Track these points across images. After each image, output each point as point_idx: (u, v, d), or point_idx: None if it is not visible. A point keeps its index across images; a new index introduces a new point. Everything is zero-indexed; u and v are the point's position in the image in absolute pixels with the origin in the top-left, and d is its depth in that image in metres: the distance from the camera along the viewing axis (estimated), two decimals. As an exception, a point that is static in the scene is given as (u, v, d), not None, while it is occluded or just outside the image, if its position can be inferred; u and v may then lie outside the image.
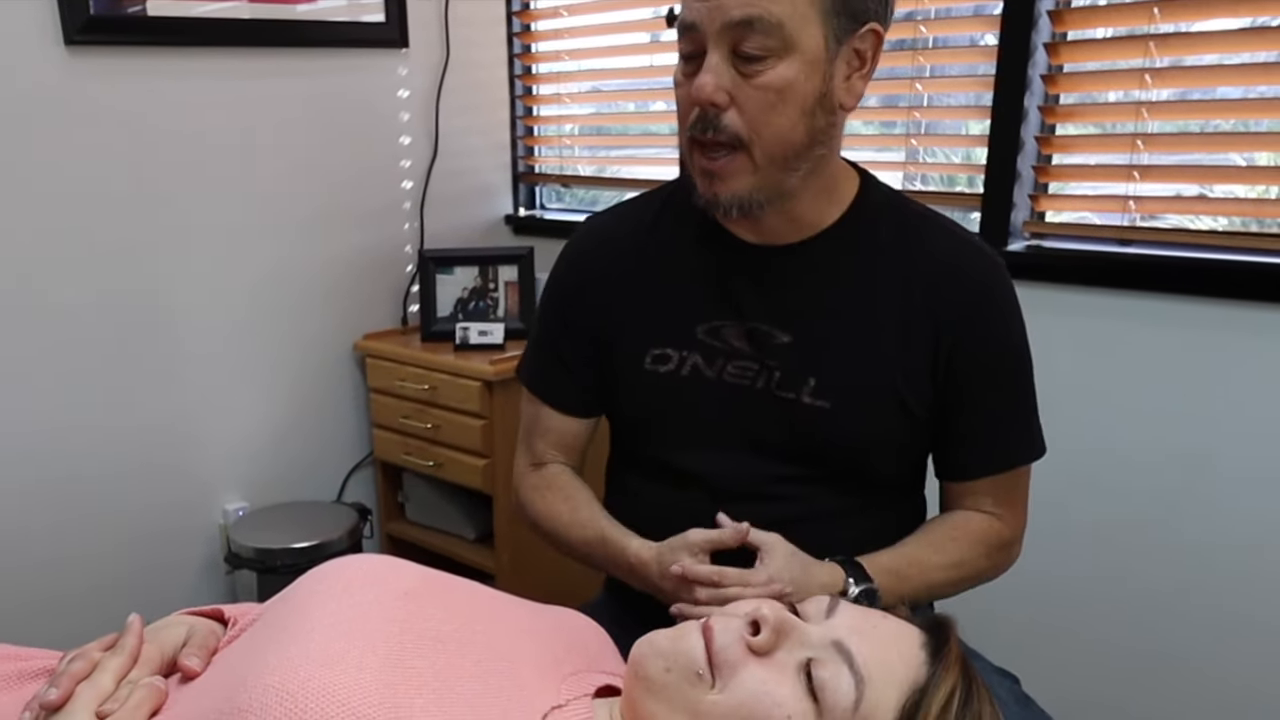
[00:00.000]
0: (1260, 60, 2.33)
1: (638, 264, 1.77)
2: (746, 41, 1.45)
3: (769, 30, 1.43)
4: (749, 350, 1.67)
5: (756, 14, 1.42)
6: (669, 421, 1.76)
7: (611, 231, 1.84)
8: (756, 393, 1.67)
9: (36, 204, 2.77)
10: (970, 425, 1.68)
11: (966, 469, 1.72)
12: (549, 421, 1.88)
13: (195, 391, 3.19)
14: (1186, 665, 2.57)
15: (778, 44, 1.45)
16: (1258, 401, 2.36)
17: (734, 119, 1.50)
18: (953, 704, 1.07)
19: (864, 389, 1.65)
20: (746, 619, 1.12)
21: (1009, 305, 1.69)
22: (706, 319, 1.69)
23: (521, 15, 3.77)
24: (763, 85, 1.47)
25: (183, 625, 1.27)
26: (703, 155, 1.55)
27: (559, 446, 1.89)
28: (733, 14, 1.43)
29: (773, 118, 1.50)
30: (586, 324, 1.80)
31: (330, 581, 1.20)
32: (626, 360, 1.76)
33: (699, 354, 1.70)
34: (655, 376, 1.73)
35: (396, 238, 3.60)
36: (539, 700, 1.14)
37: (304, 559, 3.04)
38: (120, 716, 1.08)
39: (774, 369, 1.66)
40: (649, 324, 1.74)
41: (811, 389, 1.64)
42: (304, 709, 0.96)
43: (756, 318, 1.67)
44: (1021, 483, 1.74)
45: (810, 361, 1.65)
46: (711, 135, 1.52)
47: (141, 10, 2.85)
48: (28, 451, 2.88)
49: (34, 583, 2.95)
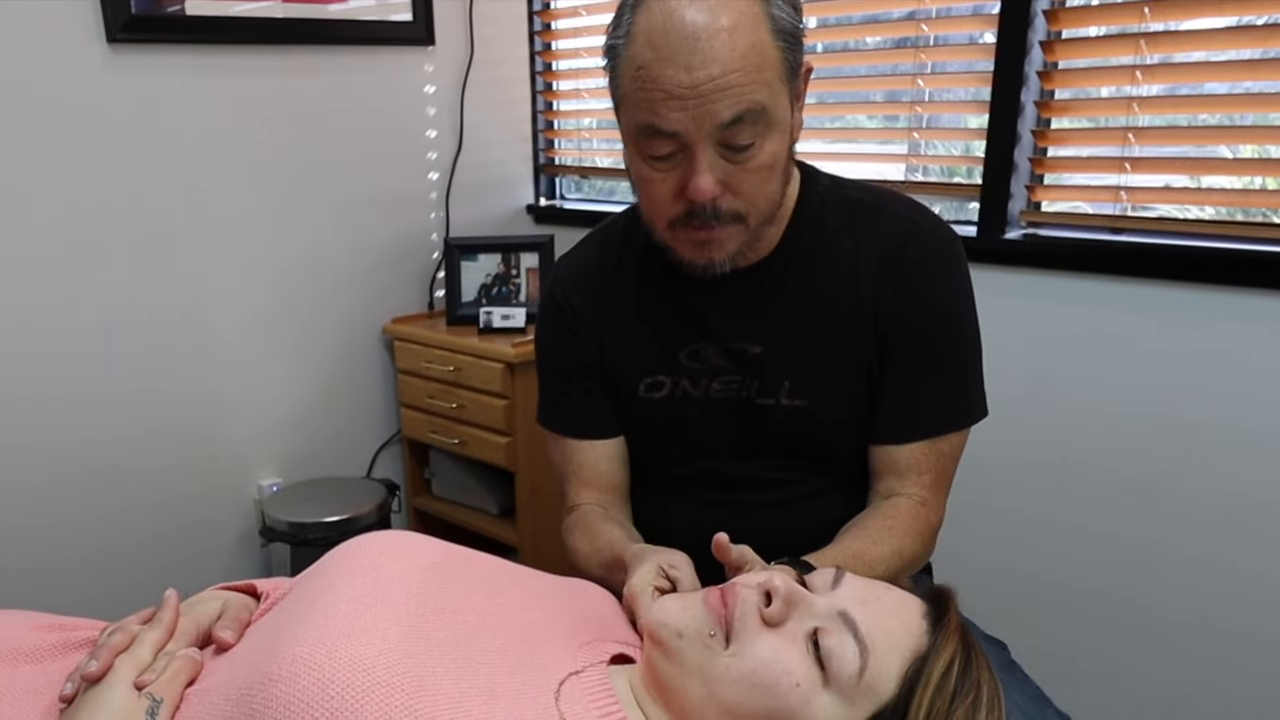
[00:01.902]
0: (1245, 58, 2.33)
1: (616, 301, 1.77)
2: (737, 135, 1.42)
3: (756, 119, 1.42)
4: (729, 365, 1.69)
5: (745, 108, 1.40)
6: (667, 440, 1.78)
7: (580, 271, 1.82)
8: (741, 403, 1.70)
9: (80, 194, 2.79)
10: (897, 388, 1.66)
11: (890, 431, 1.67)
12: (579, 458, 1.84)
13: (232, 374, 3.21)
14: (1176, 634, 2.58)
15: (763, 127, 1.43)
16: (1241, 381, 2.37)
17: (730, 202, 1.49)
18: (953, 670, 1.07)
19: (833, 383, 1.66)
20: (759, 589, 1.14)
21: (946, 278, 1.66)
22: (687, 344, 1.71)
23: (542, 15, 3.77)
24: (755, 168, 1.46)
25: (217, 599, 1.28)
26: (694, 230, 1.52)
27: (590, 484, 1.83)
28: (723, 115, 1.40)
29: (764, 189, 1.51)
30: (584, 356, 1.80)
31: (356, 557, 1.21)
32: (623, 391, 1.78)
33: (686, 377, 1.71)
34: (651, 403, 1.75)
35: (423, 226, 3.61)
36: (556, 668, 1.15)
37: (335, 532, 3.06)
38: (158, 687, 1.09)
39: (752, 379, 1.68)
40: (637, 356, 1.75)
41: (788, 391, 1.67)
42: (331, 678, 0.97)
43: (729, 337, 1.68)
44: (947, 461, 1.69)
45: (782, 368, 1.66)
46: (709, 222, 1.50)
47: (180, 10, 2.86)
48: (74, 434, 2.91)
49: (78, 557, 2.98)
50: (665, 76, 1.39)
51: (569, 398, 1.83)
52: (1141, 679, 2.65)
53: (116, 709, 1.06)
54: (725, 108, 1.39)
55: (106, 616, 1.26)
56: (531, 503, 3.30)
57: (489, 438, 3.28)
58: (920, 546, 1.63)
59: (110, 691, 1.08)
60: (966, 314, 1.68)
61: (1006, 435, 2.69)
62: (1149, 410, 2.51)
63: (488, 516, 3.51)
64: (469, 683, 1.03)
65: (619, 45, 1.46)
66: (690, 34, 1.37)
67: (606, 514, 1.78)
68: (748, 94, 1.39)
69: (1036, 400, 2.65)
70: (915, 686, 1.06)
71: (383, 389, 3.62)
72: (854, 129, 3.04)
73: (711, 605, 1.13)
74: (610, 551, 1.63)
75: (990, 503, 2.79)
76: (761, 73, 1.40)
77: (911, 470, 1.65)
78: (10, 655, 1.24)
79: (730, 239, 1.53)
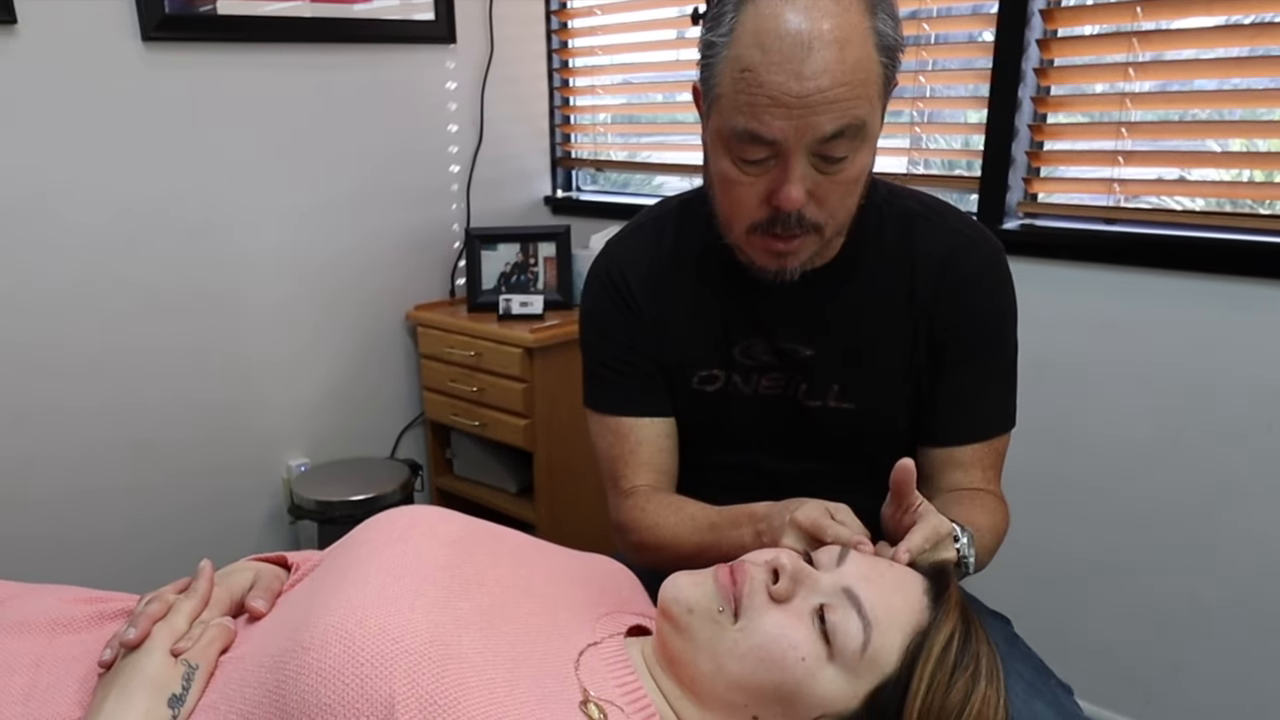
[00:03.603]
0: (1234, 55, 2.32)
1: (674, 293, 1.70)
2: (835, 148, 1.35)
3: (855, 134, 1.35)
4: (778, 364, 1.65)
5: (847, 122, 1.33)
6: (715, 433, 1.73)
7: (638, 256, 1.74)
8: (788, 401, 1.66)
9: (116, 188, 2.81)
10: (955, 394, 1.63)
11: (951, 434, 1.64)
12: (637, 435, 1.72)
13: (262, 358, 3.23)
14: (1172, 608, 2.58)
15: (859, 142, 1.37)
16: (1229, 364, 2.37)
17: (813, 211, 1.42)
18: (953, 644, 1.07)
19: (881, 389, 1.64)
20: (767, 567, 1.14)
21: (997, 290, 1.64)
22: (740, 340, 1.66)
23: (559, 14, 3.77)
24: (844, 180, 1.40)
25: (250, 570, 1.28)
26: (773, 239, 1.46)
27: (648, 465, 1.72)
28: (826, 129, 1.32)
29: (848, 202, 1.46)
30: (644, 340, 1.71)
31: (384, 531, 1.21)
32: (675, 381, 1.72)
33: (738, 373, 1.67)
34: (703, 395, 1.70)
35: (445, 217, 3.61)
36: (576, 638, 1.15)
37: (360, 510, 3.07)
38: (193, 654, 1.10)
39: (800, 381, 1.65)
40: (693, 348, 1.69)
41: (836, 394, 1.64)
42: (360, 645, 0.98)
43: (782, 336, 1.64)
44: (1000, 458, 1.68)
45: (832, 371, 1.63)
46: (791, 232, 1.44)
47: (212, 9, 2.87)
48: (112, 414, 2.93)
49: (114, 532, 3.00)
50: (774, 83, 1.31)
51: (625, 376, 1.73)
52: (1138, 652, 2.66)
53: (153, 675, 1.06)
54: (829, 120, 1.32)
55: (143, 587, 1.27)
56: (549, 482, 3.30)
57: (508, 419, 3.28)
58: (1006, 523, 1.61)
59: (148, 658, 1.08)
60: (1012, 327, 1.66)
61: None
62: (1143, 392, 2.51)
63: (507, 495, 3.52)
64: (493, 651, 1.04)
65: (720, 44, 1.37)
66: (804, 42, 1.29)
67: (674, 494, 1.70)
68: (851, 109, 1.32)
69: (1035, 383, 2.64)
70: (917, 660, 1.06)
71: (406, 373, 3.63)
72: (858, 124, 3.03)
73: (721, 582, 1.13)
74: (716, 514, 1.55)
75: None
76: (866, 88, 1.34)
77: (976, 465, 1.63)
78: (48, 626, 1.24)
79: (805, 248, 1.48)
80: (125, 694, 1.05)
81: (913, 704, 1.04)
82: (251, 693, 1.02)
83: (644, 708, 1.10)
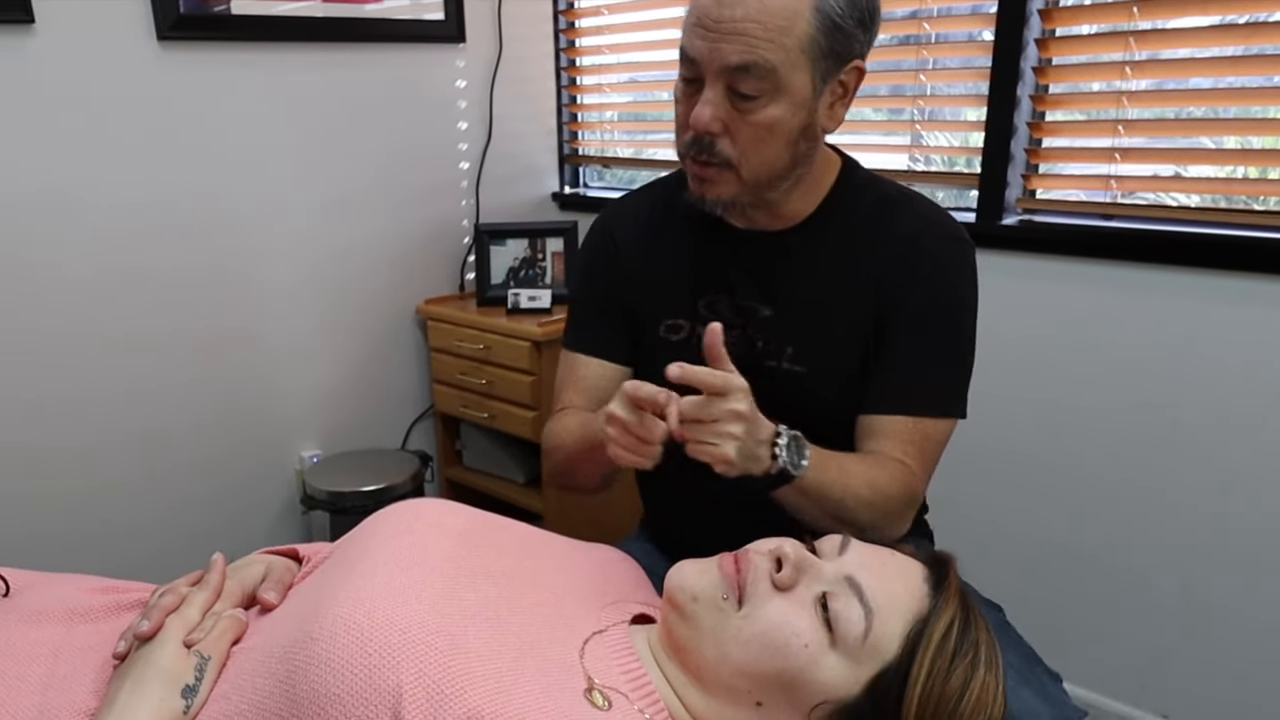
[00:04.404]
0: (1228, 54, 2.32)
1: (652, 242, 1.78)
2: (742, 83, 1.45)
3: (763, 75, 1.43)
4: (739, 321, 1.68)
5: (752, 60, 1.42)
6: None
7: (630, 212, 1.85)
8: (748, 359, 1.65)
9: (132, 183, 2.80)
10: (887, 365, 1.64)
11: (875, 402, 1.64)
12: (583, 370, 1.83)
13: (275, 351, 3.23)
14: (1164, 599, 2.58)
15: (770, 86, 1.45)
16: (1224, 356, 2.37)
17: (726, 146, 1.51)
18: (952, 631, 1.08)
19: (832, 356, 1.65)
20: (770, 556, 1.14)
21: (953, 274, 1.65)
22: (705, 294, 1.71)
23: (567, 14, 3.76)
24: (754, 122, 1.48)
25: (261, 563, 1.29)
26: (695, 164, 1.57)
27: (586, 394, 1.81)
28: (730, 59, 1.43)
29: (761, 149, 1.52)
30: (617, 287, 1.81)
31: (393, 524, 1.21)
32: (644, 328, 1.78)
33: (701, 325, 1.65)
34: (668, 344, 1.74)
35: (455, 213, 3.61)
36: (581, 627, 1.15)
37: (372, 501, 3.07)
38: (206, 645, 1.11)
39: (758, 339, 1.68)
40: (661, 297, 1.75)
41: (790, 356, 1.66)
42: (368, 636, 0.98)
43: (745, 294, 1.69)
44: (930, 445, 1.64)
45: (787, 332, 1.66)
46: (705, 158, 1.54)
47: (226, 9, 2.87)
48: (127, 406, 2.93)
49: (129, 523, 3.00)
50: (701, 6, 1.45)
51: (593, 318, 1.84)
52: (1132, 639, 2.66)
53: (167, 666, 1.07)
54: (734, 52, 1.42)
55: (157, 579, 1.28)
56: (556, 473, 3.29)
57: (516, 412, 3.28)
58: (896, 491, 1.55)
59: (161, 649, 1.09)
60: (964, 313, 1.66)
61: (1004, 409, 2.70)
62: (1138, 384, 2.50)
63: (515, 486, 3.51)
64: (499, 641, 1.04)
65: None
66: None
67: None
68: (758, 48, 1.41)
69: (1033, 375, 2.65)
70: (917, 647, 1.06)
71: (416, 366, 3.63)
72: (861, 121, 3.03)
73: (725, 571, 1.14)
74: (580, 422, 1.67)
75: (991, 473, 2.80)
76: (783, 36, 1.42)
77: (895, 438, 1.61)
78: (66, 615, 1.25)
79: (723, 184, 1.56)
80: (139, 685, 1.05)
81: (913, 690, 1.05)
82: (262, 683, 1.03)
83: (649, 694, 1.11)
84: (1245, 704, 2.50)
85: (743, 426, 1.35)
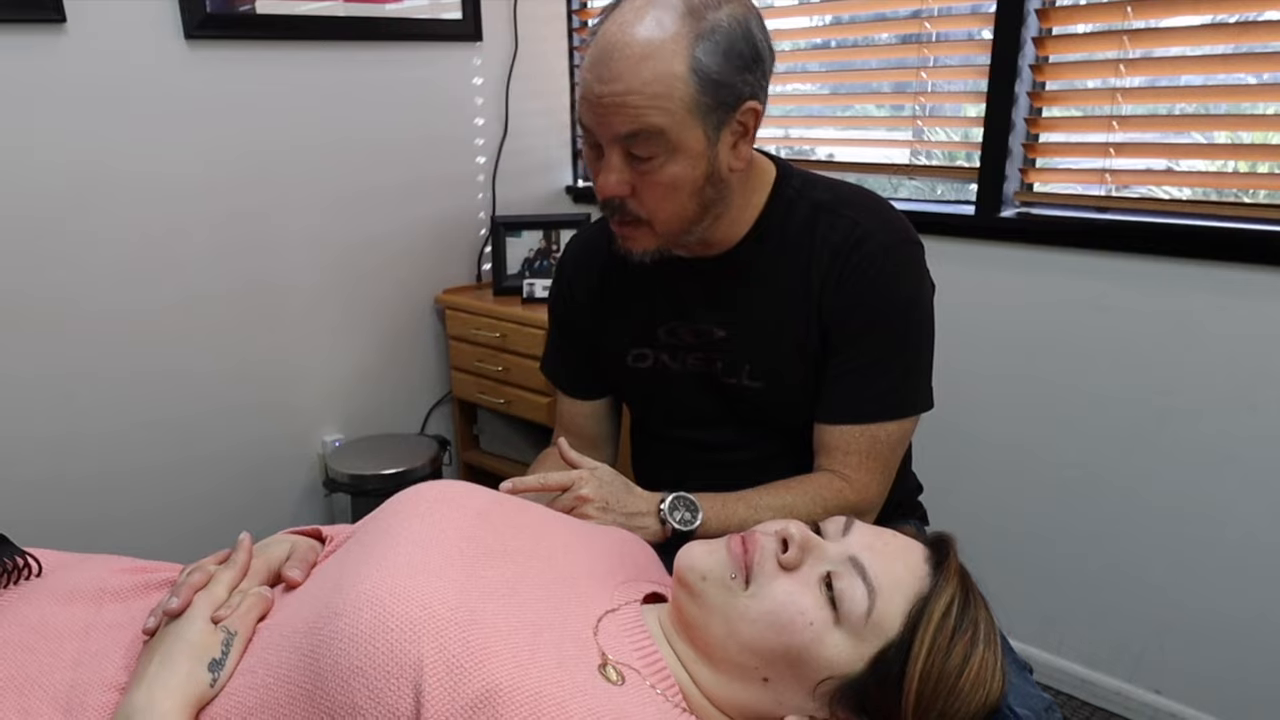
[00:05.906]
0: (1219, 52, 2.31)
1: (610, 278, 1.79)
2: (636, 147, 1.45)
3: (652, 138, 1.44)
4: (698, 344, 1.71)
5: (639, 127, 1.43)
6: (654, 405, 1.83)
7: (590, 246, 1.85)
8: (710, 378, 1.72)
9: (160, 178, 2.81)
10: (834, 376, 1.64)
11: (824, 413, 1.65)
12: (561, 406, 1.95)
13: (299, 341, 3.23)
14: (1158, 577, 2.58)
15: (663, 147, 1.45)
16: (1215, 345, 2.37)
17: (635, 206, 1.52)
18: (953, 609, 1.07)
19: (785, 370, 1.66)
20: (776, 536, 1.14)
21: (887, 280, 1.61)
22: (664, 321, 1.73)
23: (580, 13, 3.76)
24: (656, 181, 1.48)
25: (286, 542, 1.29)
26: (613, 223, 1.59)
27: (569, 429, 1.92)
28: (619, 129, 1.44)
29: (667, 205, 1.52)
30: (579, 329, 1.86)
31: (413, 504, 1.21)
32: (611, 359, 1.82)
33: (665, 351, 1.74)
34: (638, 372, 1.79)
35: (472, 205, 3.61)
36: (595, 606, 1.15)
37: (392, 483, 3.07)
38: (232, 621, 1.11)
39: (717, 359, 1.70)
40: (623, 330, 1.78)
41: (748, 373, 1.68)
42: (389, 611, 0.98)
43: (699, 317, 1.70)
44: (881, 447, 1.63)
45: (742, 352, 1.68)
46: (619, 218, 1.55)
47: (251, 8, 2.87)
48: (157, 393, 2.94)
49: (159, 507, 3.01)
50: (585, 82, 1.47)
51: (561, 354, 1.93)
52: (1127, 616, 2.66)
53: (195, 641, 1.07)
54: (620, 122, 1.43)
55: (185, 560, 1.28)
56: (569, 456, 3.29)
57: (531, 397, 3.28)
58: (820, 509, 1.58)
59: (189, 625, 1.09)
60: (909, 312, 1.63)
61: (1002, 398, 2.70)
62: (1133, 371, 2.50)
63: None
64: (516, 618, 1.04)
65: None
66: (609, 51, 1.43)
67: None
68: (644, 116, 1.42)
69: (1030, 364, 2.65)
70: (918, 624, 1.06)
71: (435, 353, 3.63)
72: (864, 117, 3.03)
73: (733, 551, 1.14)
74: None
75: (988, 459, 2.80)
76: (663, 100, 1.41)
77: (839, 449, 1.63)
78: (97, 595, 1.25)
79: (641, 238, 1.58)
80: (168, 659, 1.06)
81: (915, 666, 1.04)
82: (287, 657, 1.03)
83: (659, 670, 1.10)
84: (1236, 680, 2.50)
85: (595, 505, 1.50)
